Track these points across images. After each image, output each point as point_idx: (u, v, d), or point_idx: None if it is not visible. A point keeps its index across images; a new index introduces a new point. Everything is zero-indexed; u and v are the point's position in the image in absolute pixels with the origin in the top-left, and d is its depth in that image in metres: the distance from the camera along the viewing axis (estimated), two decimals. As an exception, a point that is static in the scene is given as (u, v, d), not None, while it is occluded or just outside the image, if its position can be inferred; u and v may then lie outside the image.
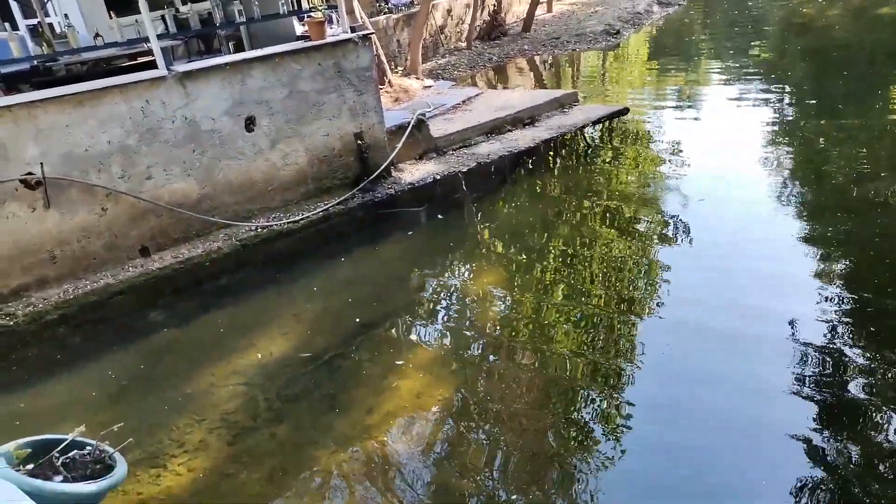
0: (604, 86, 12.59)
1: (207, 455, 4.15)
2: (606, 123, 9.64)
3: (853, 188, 6.82)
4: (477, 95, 10.63)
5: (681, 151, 8.39)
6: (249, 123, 6.98)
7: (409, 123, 8.28)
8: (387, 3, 15.21)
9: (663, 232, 6.42)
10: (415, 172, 8.12)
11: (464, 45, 15.82)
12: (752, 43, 14.60)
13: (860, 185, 6.85)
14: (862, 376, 4.19)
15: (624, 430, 4.02)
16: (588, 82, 13.04)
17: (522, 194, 7.89)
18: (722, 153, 8.22)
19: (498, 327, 5.22)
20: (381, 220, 7.38)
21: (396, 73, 12.11)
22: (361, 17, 10.87)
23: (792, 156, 8.02)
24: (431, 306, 5.69)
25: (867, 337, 4.57)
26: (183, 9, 9.07)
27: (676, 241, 6.23)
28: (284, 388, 4.73)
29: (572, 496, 3.62)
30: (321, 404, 4.53)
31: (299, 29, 8.99)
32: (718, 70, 12.79)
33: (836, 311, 4.85)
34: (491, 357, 4.90)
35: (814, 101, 10.16)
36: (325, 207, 7.32)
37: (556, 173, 8.38)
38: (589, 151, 9.01)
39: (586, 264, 6.00)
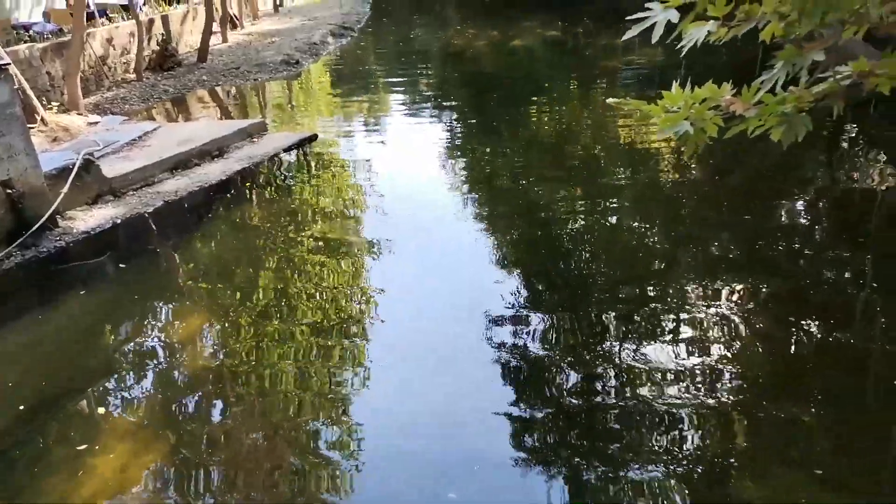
0: (293, 114, 12.69)
1: None
2: (301, 151, 9.71)
3: (515, 189, 8.01)
4: (155, 130, 9.80)
5: (373, 171, 8.91)
6: None
7: (74, 165, 7.25)
8: (27, 31, 13.16)
9: (368, 247, 6.73)
10: (89, 219, 7.13)
11: (133, 76, 14.49)
12: (420, 71, 16.17)
13: (520, 186, 8.07)
14: (541, 339, 4.94)
15: (359, 449, 4.07)
16: (276, 111, 13.00)
17: (223, 229, 7.50)
18: (408, 169, 8.99)
19: (213, 370, 4.86)
20: (53, 279, 6.31)
21: (51, 109, 10.53)
22: (-7, 46, 9.21)
23: (465, 167, 9.11)
24: (129, 364, 5.05)
25: (542, 302, 5.49)
26: None
27: (381, 253, 6.57)
28: (-64, 506, 3.72)
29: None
30: (-6, 511, 3.68)
31: None
32: (395, 95, 13.86)
33: (516, 285, 5.72)
34: (210, 403, 4.53)
35: (474, 120, 11.64)
36: (-30, 273, 5.99)
37: (256, 204, 8.16)
38: (287, 179, 8.99)
39: (300, 291, 5.94)
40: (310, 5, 27.22)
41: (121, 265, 6.60)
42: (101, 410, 4.48)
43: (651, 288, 5.59)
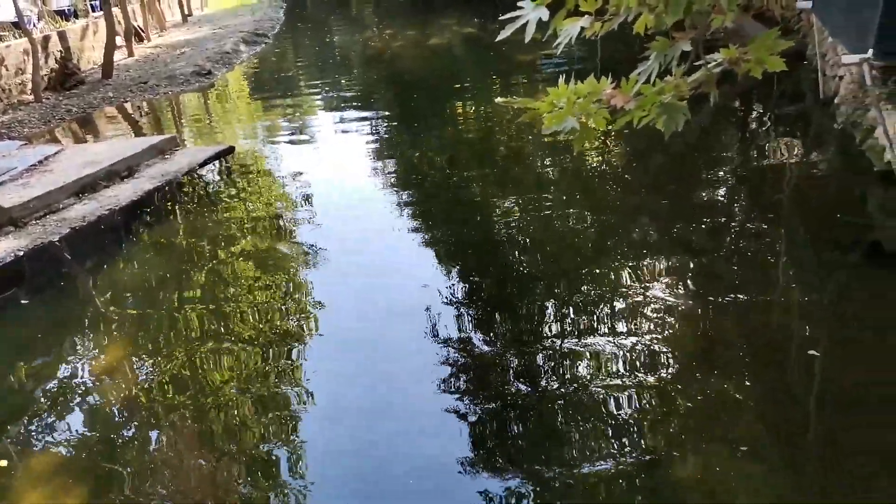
0: (210, 127, 12.26)
1: None
2: (223, 164, 9.38)
3: (445, 189, 8.04)
4: (57, 153, 9.26)
5: (299, 180, 8.69)
6: None
7: (-35, 197, 6.75)
8: None
9: (302, 255, 6.60)
10: (-13, 254, 6.66)
11: (31, 97, 13.66)
12: (341, 74, 15.92)
13: (449, 185, 8.09)
14: (481, 331, 5.02)
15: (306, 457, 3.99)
16: (192, 125, 12.54)
17: (144, 252, 7.15)
18: (336, 177, 8.85)
19: (143, 396, 4.65)
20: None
21: (-61, 138, 9.80)
22: None
23: (394, 170, 9.03)
24: (45, 402, 4.76)
25: (478, 299, 5.54)
26: None
27: (316, 260, 6.47)
28: None
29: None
30: None
31: None
32: (319, 100, 13.61)
33: (452, 284, 5.78)
34: (145, 432, 4.32)
35: (399, 122, 11.54)
36: None
37: (178, 223, 7.82)
38: (210, 195, 8.65)
39: (233, 306, 5.75)
40: (220, 13, 26.39)
41: (23, 301, 6.19)
42: (5, 463, 4.17)
43: (579, 276, 5.70)
